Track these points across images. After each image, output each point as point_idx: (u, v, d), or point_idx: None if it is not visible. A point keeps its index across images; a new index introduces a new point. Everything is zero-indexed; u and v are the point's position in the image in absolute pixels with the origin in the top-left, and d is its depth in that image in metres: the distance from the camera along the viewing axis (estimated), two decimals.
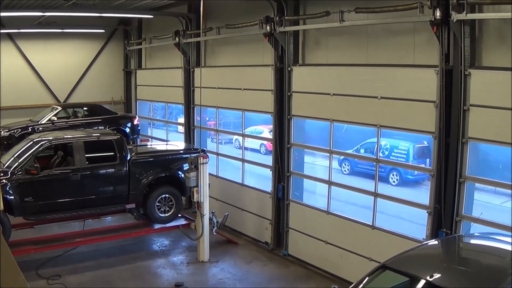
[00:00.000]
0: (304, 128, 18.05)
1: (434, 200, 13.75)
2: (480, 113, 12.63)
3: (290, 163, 17.99)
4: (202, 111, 22.14)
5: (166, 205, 17.63)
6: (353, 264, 15.74)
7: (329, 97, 16.09)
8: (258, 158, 22.66)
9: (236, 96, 19.93)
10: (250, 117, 20.73)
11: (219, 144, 22.22)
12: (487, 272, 9.02)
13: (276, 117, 17.92)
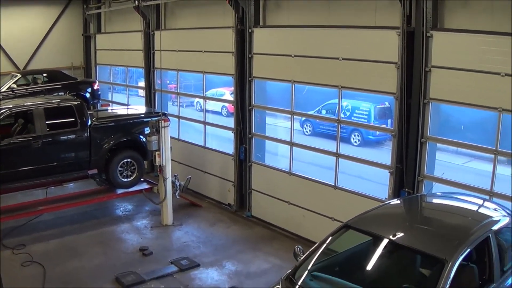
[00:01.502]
0: (265, 89, 18.02)
1: (396, 160, 13.89)
2: (441, 74, 12.73)
3: (251, 125, 17.98)
4: (163, 74, 21.95)
5: (128, 170, 17.52)
6: (316, 224, 15.87)
7: (290, 58, 16.08)
8: (220, 120, 22.57)
9: (197, 58, 19.79)
10: (211, 79, 20.64)
11: (180, 107, 22.10)
12: (449, 231, 9.13)
13: (237, 79, 17.87)
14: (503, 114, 11.90)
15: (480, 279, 8.79)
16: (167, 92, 23.19)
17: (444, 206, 10.74)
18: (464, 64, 12.26)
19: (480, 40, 11.95)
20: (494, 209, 10.34)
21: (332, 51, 14.85)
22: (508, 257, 9.60)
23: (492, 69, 11.84)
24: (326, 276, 8.89)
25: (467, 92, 12.40)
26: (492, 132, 12.31)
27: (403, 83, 13.28)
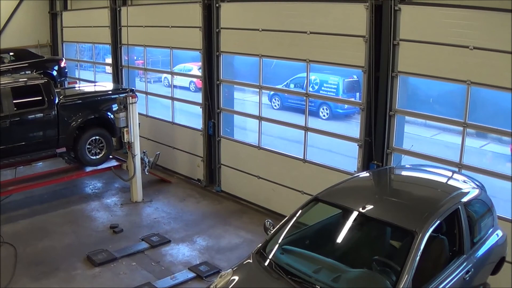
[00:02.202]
0: (233, 64, 17.94)
1: (364, 133, 13.95)
2: (409, 47, 12.79)
3: (220, 99, 17.92)
4: (130, 51, 21.78)
5: (96, 147, 17.38)
6: (285, 198, 15.94)
7: (258, 32, 16.01)
8: (188, 95, 22.53)
9: (164, 34, 19.63)
10: (178, 54, 20.51)
11: (147, 83, 21.94)
12: (419, 203, 9.18)
13: (205, 54, 17.74)
14: (471, 87, 12.00)
15: (451, 251, 8.89)
16: (134, 68, 22.98)
17: (413, 179, 10.79)
18: (433, 37, 12.32)
19: (448, 14, 12.00)
20: (463, 181, 10.41)
21: (300, 25, 14.81)
22: (478, 228, 9.72)
23: (460, 42, 11.92)
24: (297, 249, 8.91)
25: (435, 65, 12.48)
26: (460, 105, 12.40)
27: (371, 56, 13.32)
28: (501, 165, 19.68)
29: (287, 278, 7.99)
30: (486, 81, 11.92)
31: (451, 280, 8.50)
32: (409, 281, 7.49)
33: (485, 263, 9.85)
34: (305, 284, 7.83)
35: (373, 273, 8.30)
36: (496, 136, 19.92)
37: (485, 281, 10.20)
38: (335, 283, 7.95)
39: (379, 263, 8.47)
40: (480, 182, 10.73)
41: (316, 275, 8.13)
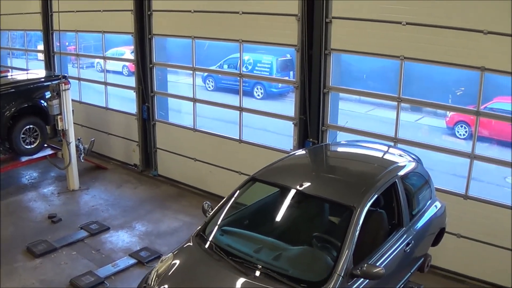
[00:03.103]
0: (166, 47, 17.80)
1: (299, 111, 14.02)
2: (342, 24, 12.87)
3: (153, 83, 17.77)
4: (62, 37, 21.39)
5: (31, 136, 16.99)
6: (223, 179, 15.95)
7: (190, 14, 15.87)
8: (121, 80, 22.22)
9: (95, 18, 19.29)
10: (111, 39, 20.27)
11: (80, 69, 21.56)
12: (356, 179, 9.24)
13: (137, 37, 17.52)
14: (405, 62, 12.13)
15: (390, 224, 8.99)
16: (67, 54, 22.55)
17: (349, 154, 10.86)
18: (365, 14, 12.44)
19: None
20: (399, 155, 10.53)
21: (232, 5, 14.75)
22: (416, 201, 9.86)
23: (393, 18, 12.05)
24: (236, 229, 8.89)
25: (368, 41, 12.60)
26: (394, 80, 12.53)
27: (304, 34, 13.36)
28: (437, 138, 20.05)
29: (228, 259, 7.96)
30: (419, 55, 12.09)
31: (392, 253, 8.59)
32: (350, 255, 7.52)
33: (425, 235, 10.00)
34: (246, 264, 7.81)
35: (314, 250, 8.35)
36: (431, 109, 20.26)
37: (426, 253, 10.37)
38: (276, 262, 7.94)
39: (319, 240, 8.51)
40: (416, 156, 10.87)
41: (257, 255, 8.11)
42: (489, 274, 12.39)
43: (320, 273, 7.55)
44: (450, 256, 12.63)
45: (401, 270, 9.25)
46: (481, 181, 14.76)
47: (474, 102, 11.94)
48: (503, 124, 18.94)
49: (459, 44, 11.62)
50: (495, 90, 16.72)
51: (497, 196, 12.67)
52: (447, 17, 11.55)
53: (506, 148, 18.71)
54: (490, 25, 11.16)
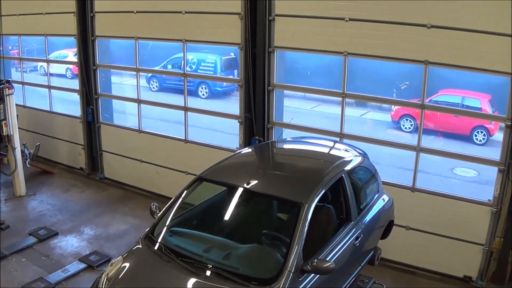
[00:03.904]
0: (109, 48, 17.62)
1: (244, 109, 14.08)
2: (285, 22, 12.93)
3: (97, 85, 17.56)
4: (5, 40, 20.99)
5: None
6: (170, 180, 15.87)
7: (133, 14, 15.74)
8: (65, 83, 21.96)
9: (38, 21, 18.95)
10: (54, 41, 19.95)
11: (24, 73, 21.19)
12: (302, 175, 9.28)
13: (80, 39, 17.30)
14: (348, 58, 12.21)
15: (338, 219, 9.01)
16: (9, 59, 22.13)
17: (295, 151, 10.92)
18: (308, 11, 12.51)
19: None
20: (345, 150, 10.61)
21: (175, 5, 14.69)
22: (364, 195, 9.94)
23: (336, 15, 12.12)
24: (185, 230, 8.83)
25: (312, 38, 12.67)
26: (339, 76, 12.60)
27: (248, 33, 13.40)
28: (382, 132, 20.22)
29: (177, 260, 7.90)
30: (363, 51, 12.20)
31: (341, 247, 8.63)
32: (300, 251, 7.53)
33: (373, 228, 10.08)
34: (196, 264, 7.76)
35: (263, 247, 8.33)
36: (376, 104, 20.43)
37: (375, 246, 10.45)
38: (226, 261, 7.91)
39: (269, 237, 8.50)
40: (362, 150, 10.97)
41: (207, 254, 8.07)
42: (439, 265, 12.57)
43: (271, 270, 7.54)
44: (400, 248, 12.76)
45: (352, 264, 9.29)
46: (428, 173, 14.96)
47: (419, 95, 12.07)
48: (448, 116, 19.29)
49: (402, 38, 11.75)
50: (440, 83, 16.95)
51: (445, 187, 12.84)
52: (391, 13, 11.67)
53: (451, 140, 19.01)
54: (433, 19, 11.30)
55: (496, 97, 17.80)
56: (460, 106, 18.96)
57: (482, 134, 20.59)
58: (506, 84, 11.23)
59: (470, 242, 12.21)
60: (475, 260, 12.25)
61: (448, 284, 12.50)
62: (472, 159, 12.64)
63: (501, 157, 11.56)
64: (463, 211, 12.10)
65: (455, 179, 17.16)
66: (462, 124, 20.44)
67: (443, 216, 12.28)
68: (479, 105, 19.22)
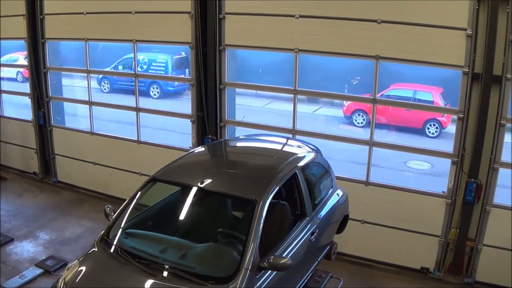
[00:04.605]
0: (59, 50, 17.45)
1: (196, 108, 14.12)
2: (236, 20, 12.97)
3: (48, 88, 17.38)
4: None
5: None
6: (124, 182, 15.80)
7: (83, 16, 15.60)
8: (16, 87, 21.65)
9: None
10: (4, 45, 19.67)
11: None
12: (256, 172, 9.28)
13: (30, 42, 17.08)
14: (299, 55, 12.26)
15: (293, 215, 9.03)
16: None
17: (249, 149, 10.90)
18: (258, 8, 12.56)
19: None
20: (298, 146, 10.62)
21: (125, 6, 14.62)
22: (318, 190, 9.98)
23: (286, 12, 12.19)
24: (140, 231, 8.77)
25: (263, 35, 12.72)
26: (290, 73, 12.64)
27: (198, 32, 13.42)
28: (335, 127, 20.33)
29: (134, 262, 7.84)
30: (314, 47, 12.29)
31: (297, 243, 8.65)
32: (256, 249, 7.53)
33: (329, 223, 10.13)
34: (153, 265, 7.71)
35: (219, 246, 8.32)
36: (328, 100, 20.54)
37: (331, 240, 10.52)
38: (183, 260, 7.88)
39: (224, 235, 8.49)
40: (315, 146, 11.00)
41: (163, 255, 8.02)
42: (396, 257, 12.72)
43: (228, 269, 7.53)
44: (356, 242, 12.87)
45: (308, 259, 9.33)
46: (382, 167, 15.07)
47: (371, 90, 12.17)
48: (400, 110, 19.47)
49: (353, 34, 11.87)
50: (392, 78, 17.08)
51: (399, 181, 12.97)
52: (341, 9, 11.79)
53: (404, 134, 19.19)
54: (383, 15, 11.41)
55: (448, 90, 18.00)
56: (412, 99, 19.16)
57: (434, 127, 20.82)
58: (457, 77, 11.39)
59: (426, 234, 12.37)
60: (432, 252, 12.41)
61: (406, 276, 12.65)
62: (426, 152, 12.83)
63: (454, 149, 11.75)
64: (417, 203, 12.25)
65: (409, 172, 17.32)
66: (414, 118, 20.65)
67: (398, 209, 12.41)
68: (431, 98, 19.42)
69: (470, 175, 11.78)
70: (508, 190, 11.52)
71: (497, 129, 11.32)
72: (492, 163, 11.54)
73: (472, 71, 11.24)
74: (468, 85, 11.28)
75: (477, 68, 11.25)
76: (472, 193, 11.80)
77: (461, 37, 11.03)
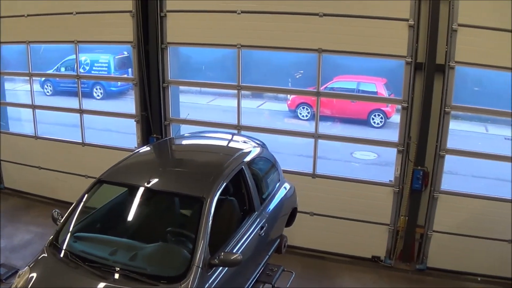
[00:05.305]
0: (1, 54, 17.15)
1: (140, 108, 14.10)
2: (177, 17, 12.99)
3: None
4: None
5: None
6: (71, 185, 15.62)
7: (24, 18, 15.37)
8: None
9: None
10: None
11: None
12: (202, 169, 9.25)
13: None
14: (242, 50, 12.29)
15: (242, 210, 9.07)
16: None
17: (194, 146, 10.92)
18: (200, 5, 12.61)
19: None
20: (243, 141, 10.65)
21: (65, 6, 14.47)
22: (265, 185, 10.03)
23: (228, 8, 12.24)
24: (89, 234, 8.70)
25: (205, 32, 12.76)
26: (233, 68, 12.67)
27: (140, 30, 13.37)
28: (280, 121, 20.39)
29: (84, 265, 7.79)
30: (256, 43, 12.37)
31: (247, 238, 8.68)
32: (206, 246, 7.54)
33: (277, 217, 10.18)
34: (104, 268, 7.67)
35: (169, 245, 8.31)
36: (272, 94, 20.60)
37: (281, 234, 10.57)
38: (133, 262, 7.84)
39: (174, 234, 8.48)
40: (261, 141, 11.04)
41: (113, 257, 7.98)
42: (347, 247, 12.89)
43: (179, 267, 7.53)
44: (306, 235, 12.97)
45: (259, 254, 9.38)
46: (328, 159, 15.15)
47: (315, 83, 12.26)
48: (344, 102, 19.61)
49: (295, 28, 11.96)
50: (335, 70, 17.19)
51: (345, 172, 13.09)
52: (283, 3, 11.86)
53: (349, 125, 19.34)
54: (325, 8, 11.51)
55: (391, 81, 18.18)
56: (356, 91, 19.28)
57: (379, 117, 21.01)
58: (401, 67, 11.56)
59: (376, 223, 12.54)
60: (382, 240, 12.59)
61: (358, 265, 12.81)
62: (371, 142, 13.01)
63: (399, 138, 11.94)
64: (365, 193, 12.41)
65: (355, 163, 17.45)
66: (359, 109, 20.81)
67: (346, 200, 12.54)
68: (375, 89, 19.56)
69: (417, 163, 11.98)
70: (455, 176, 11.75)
71: (442, 117, 11.54)
72: (438, 150, 11.76)
73: (415, 61, 11.45)
74: (411, 75, 11.48)
75: (420, 57, 11.45)
76: (419, 181, 12.01)
77: (403, 28, 11.20)
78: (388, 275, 12.60)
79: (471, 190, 12.30)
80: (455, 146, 11.94)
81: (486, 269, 12.28)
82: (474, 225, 12.10)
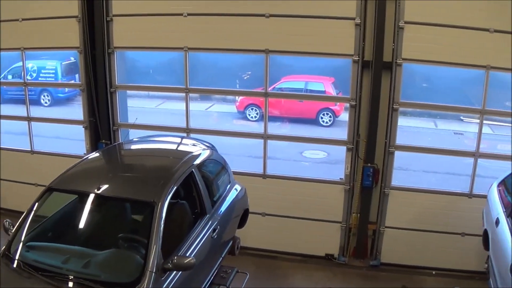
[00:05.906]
0: None
1: (88, 113, 14.02)
2: (123, 21, 13.09)
3: None
4: None
5: None
6: (20, 194, 15.34)
7: None
8: None
9: None
10: None
11: None
12: (152, 174, 9.23)
13: None
14: (189, 53, 12.33)
15: (193, 214, 9.09)
16: None
17: (143, 151, 10.90)
18: (145, 9, 12.65)
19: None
20: (193, 144, 10.66)
21: (11, 13, 14.29)
22: (216, 187, 10.07)
23: (174, 11, 12.34)
24: (42, 244, 8.63)
25: (151, 35, 12.80)
26: (181, 71, 12.70)
27: (86, 35, 13.28)
28: (228, 123, 20.41)
29: (38, 275, 7.72)
30: (202, 45, 12.42)
31: (199, 241, 8.70)
32: (158, 251, 7.53)
33: (229, 219, 10.22)
34: (57, 277, 7.61)
35: (122, 251, 8.27)
36: (220, 96, 20.60)
37: (234, 235, 10.63)
38: (86, 269, 7.79)
39: (126, 240, 8.45)
40: (210, 143, 11.06)
41: (66, 265, 7.91)
42: (300, 247, 12.99)
43: (132, 273, 7.50)
44: (259, 235, 13.03)
45: (212, 256, 9.39)
46: (278, 159, 15.23)
47: (262, 84, 12.31)
48: (293, 102, 19.73)
49: (242, 29, 12.03)
50: (283, 71, 17.26)
51: (296, 171, 13.17)
52: (229, 5, 11.95)
53: (299, 125, 19.45)
54: (271, 9, 11.60)
55: (339, 79, 18.33)
56: (304, 91, 19.42)
57: (328, 116, 21.17)
58: (348, 66, 11.67)
59: (328, 221, 12.67)
60: (335, 238, 12.72)
61: (312, 264, 12.91)
62: (320, 140, 13.15)
63: (348, 136, 12.08)
64: (316, 192, 12.52)
65: (305, 162, 17.55)
66: (307, 108, 20.95)
67: (297, 199, 12.63)
68: (323, 88, 19.68)
69: (366, 160, 12.14)
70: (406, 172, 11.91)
71: (390, 114, 11.70)
72: (388, 147, 11.92)
73: (362, 59, 11.60)
74: (359, 73, 11.62)
75: (367, 55, 11.61)
76: (370, 178, 12.17)
77: (349, 27, 11.34)
78: (342, 272, 12.71)
79: (422, 185, 12.50)
80: (404, 142, 12.14)
81: (440, 262, 12.49)
82: (426, 220, 12.31)
